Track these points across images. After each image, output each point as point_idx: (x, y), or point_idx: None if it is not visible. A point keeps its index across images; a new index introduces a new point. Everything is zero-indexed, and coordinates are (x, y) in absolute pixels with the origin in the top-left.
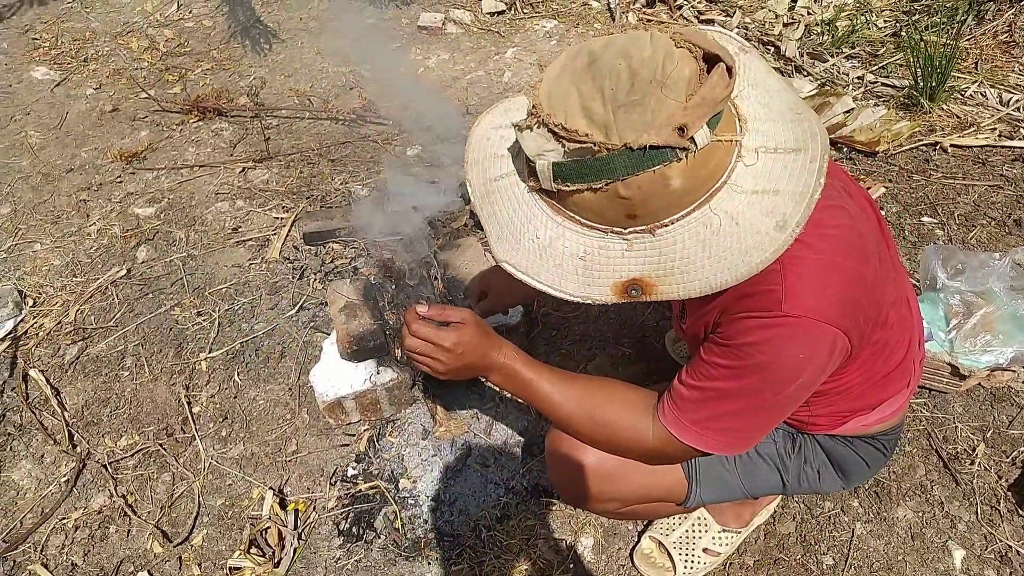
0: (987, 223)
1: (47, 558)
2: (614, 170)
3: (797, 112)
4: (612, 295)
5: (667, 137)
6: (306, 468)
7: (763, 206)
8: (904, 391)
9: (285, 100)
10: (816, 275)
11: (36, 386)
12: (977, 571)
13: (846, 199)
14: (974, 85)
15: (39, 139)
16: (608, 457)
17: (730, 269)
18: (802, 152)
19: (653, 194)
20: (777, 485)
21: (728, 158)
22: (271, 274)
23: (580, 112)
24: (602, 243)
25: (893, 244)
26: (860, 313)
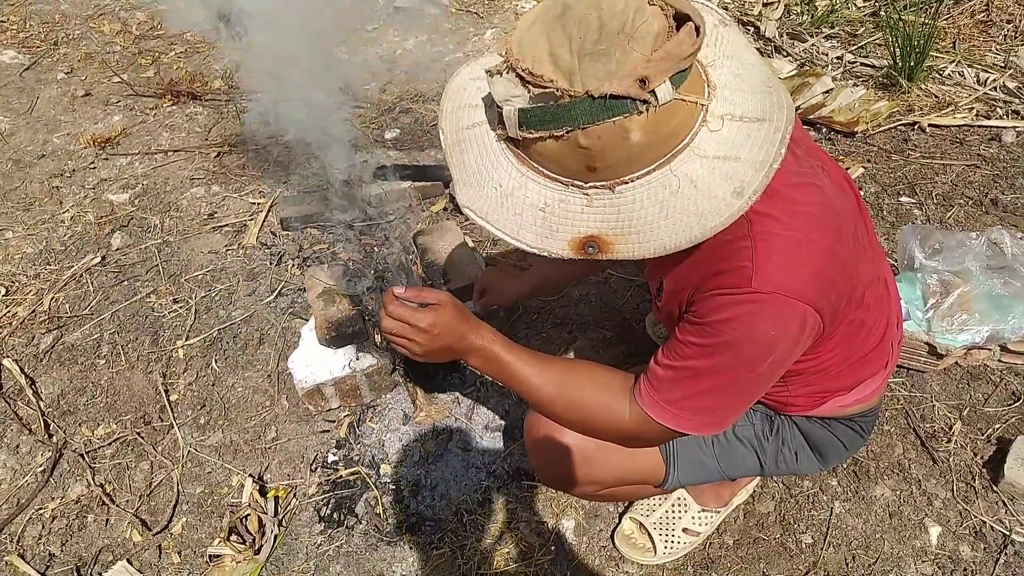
0: (964, 202)
1: (24, 548)
2: (575, 117)
3: (768, 85)
4: (569, 250)
5: (628, 87)
6: (286, 455)
7: (723, 172)
8: (882, 372)
9: (260, 83)
10: (787, 252)
11: (10, 376)
12: (952, 547)
13: (822, 178)
14: (952, 65)
15: (8, 124)
16: (587, 441)
17: (685, 231)
18: (767, 123)
19: (612, 146)
20: (755, 467)
21: (691, 121)
22: (248, 260)
23: (547, 59)
24: (562, 196)
25: (870, 224)
26: (832, 290)
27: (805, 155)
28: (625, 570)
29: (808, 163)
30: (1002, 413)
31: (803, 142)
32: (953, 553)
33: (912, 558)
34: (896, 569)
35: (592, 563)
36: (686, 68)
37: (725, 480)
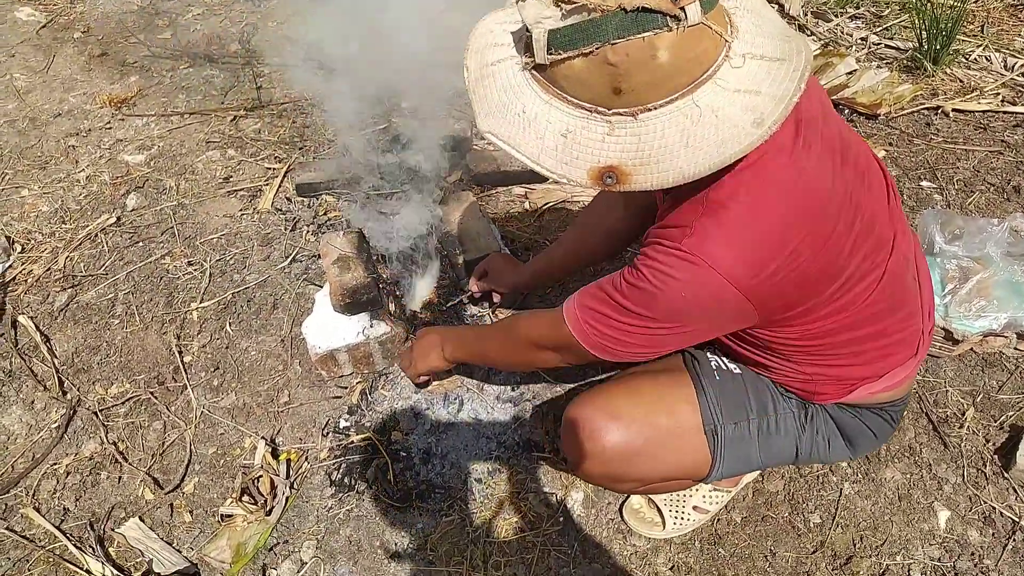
0: (986, 189)
1: (39, 502)
2: (606, 32)
3: (787, 35)
4: (588, 178)
5: (660, 1)
6: (298, 419)
7: (743, 103)
8: (911, 360)
9: (277, 47)
10: (730, 226)
11: (25, 332)
12: (960, 531)
13: (812, 158)
14: (979, 49)
15: (25, 82)
16: (632, 439)
17: (705, 159)
18: (786, 62)
19: (639, 64)
20: (790, 456)
21: (716, 52)
22: (263, 225)
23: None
24: (585, 123)
25: (894, 212)
26: (768, 277)
27: (815, 132)
28: (632, 543)
29: (807, 140)
30: (1016, 401)
31: (823, 119)
32: (961, 537)
33: (920, 541)
34: (903, 551)
35: (600, 535)
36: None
37: (760, 469)
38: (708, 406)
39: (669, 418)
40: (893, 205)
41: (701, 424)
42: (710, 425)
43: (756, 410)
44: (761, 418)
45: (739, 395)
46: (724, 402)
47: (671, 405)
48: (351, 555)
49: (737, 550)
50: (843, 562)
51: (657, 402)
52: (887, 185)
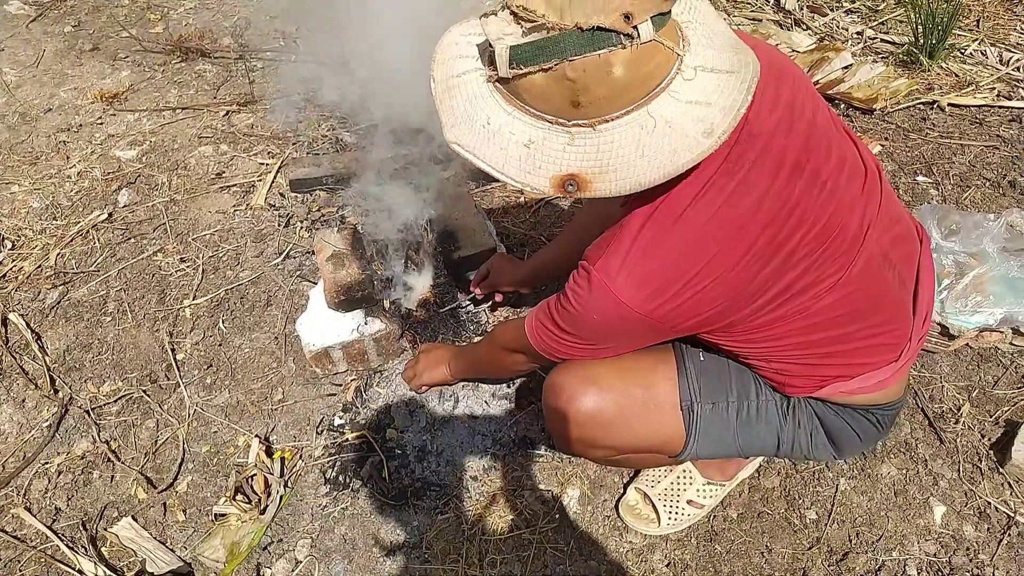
0: (982, 184)
1: (30, 502)
2: (564, 49)
3: (736, 47)
4: (550, 186)
5: (614, 21)
6: (292, 417)
7: (695, 115)
8: (891, 365)
9: (270, 42)
10: (633, 255)
11: (16, 330)
12: (956, 527)
13: (745, 181)
14: (975, 43)
15: (15, 77)
16: (607, 406)
17: (659, 168)
18: (735, 74)
19: (597, 80)
20: (772, 447)
21: (668, 66)
22: (256, 221)
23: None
24: (547, 134)
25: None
26: (670, 303)
27: (755, 148)
28: (629, 540)
29: (736, 159)
30: (1011, 396)
31: (786, 128)
32: (957, 532)
33: (916, 536)
34: (899, 547)
35: (596, 532)
36: (666, 11)
37: (738, 457)
38: (687, 384)
39: (646, 390)
40: (885, 201)
41: (678, 400)
42: (687, 402)
43: (737, 394)
44: (741, 402)
45: (721, 377)
46: (704, 382)
47: (650, 378)
48: (346, 553)
49: (733, 546)
50: (839, 558)
51: (636, 374)
52: (865, 181)
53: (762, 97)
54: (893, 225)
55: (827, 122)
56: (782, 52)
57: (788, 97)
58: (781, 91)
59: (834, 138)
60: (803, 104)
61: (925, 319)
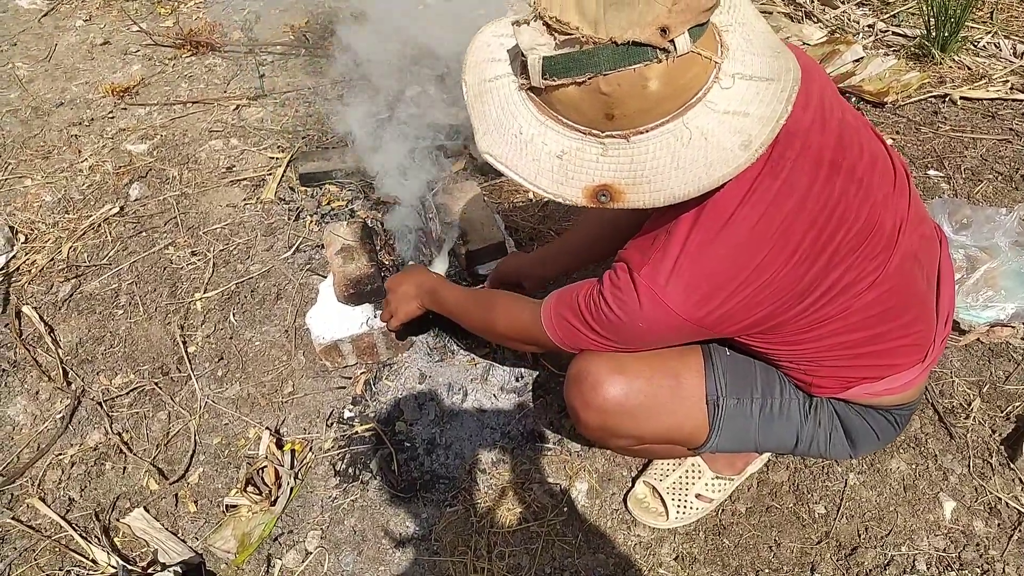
0: (994, 177)
1: (44, 492)
2: (598, 63)
3: (776, 51)
4: (582, 197)
5: (650, 35)
6: (302, 409)
7: (732, 126)
8: (917, 366)
9: (280, 36)
10: (681, 263)
11: (29, 323)
12: (966, 522)
13: (789, 180)
14: (988, 36)
15: (27, 71)
16: (633, 394)
17: (694, 180)
18: (774, 82)
19: (631, 93)
20: (790, 443)
21: (705, 75)
22: (266, 215)
23: (574, 7)
24: (580, 144)
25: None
26: (719, 310)
27: (794, 147)
28: (637, 533)
29: (778, 160)
30: (1022, 391)
31: (820, 125)
32: (967, 528)
33: (925, 531)
34: (908, 542)
35: (604, 525)
36: (704, 22)
37: (753, 452)
38: (714, 377)
39: (673, 381)
40: (913, 201)
41: (704, 393)
42: (712, 396)
43: (762, 390)
44: (765, 399)
45: (747, 373)
46: (731, 377)
47: (677, 370)
48: (355, 545)
49: (742, 540)
50: (848, 553)
51: (663, 364)
52: (895, 180)
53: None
54: (921, 224)
55: (856, 120)
56: (804, 51)
57: (819, 95)
58: (811, 89)
59: (864, 136)
60: (832, 102)
61: (947, 321)
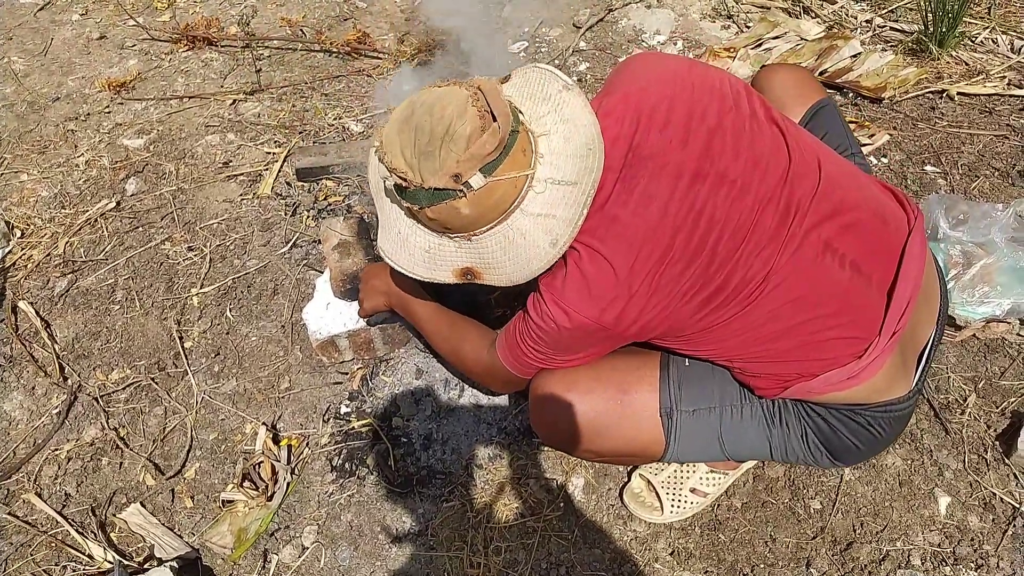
0: (991, 173)
1: (40, 488)
2: (420, 200)
3: (589, 147)
4: (453, 277)
5: (446, 182)
6: (299, 405)
7: (543, 226)
8: (856, 362)
9: (277, 30)
10: (577, 282)
11: (25, 318)
12: (961, 517)
13: (643, 195)
14: (985, 31)
15: (23, 66)
16: (588, 412)
17: (521, 271)
18: (577, 186)
19: (451, 217)
20: (763, 451)
21: (515, 190)
22: (263, 210)
23: (400, 154)
24: (439, 241)
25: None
26: (622, 315)
27: (646, 163)
28: (633, 528)
29: (629, 179)
30: (1018, 387)
31: (684, 137)
32: (961, 523)
33: (920, 527)
34: (904, 537)
35: (600, 520)
36: (494, 159)
37: (728, 461)
38: (668, 390)
39: (623, 395)
40: (827, 189)
41: (658, 406)
42: (666, 408)
43: (719, 400)
44: (723, 409)
45: (703, 384)
46: (686, 389)
47: (629, 384)
48: (352, 540)
49: (737, 535)
50: (843, 548)
51: (616, 379)
52: (791, 173)
53: (650, 121)
54: (841, 213)
55: (740, 121)
56: (690, 61)
57: (684, 111)
58: (675, 107)
59: (745, 136)
60: (703, 112)
61: (904, 311)
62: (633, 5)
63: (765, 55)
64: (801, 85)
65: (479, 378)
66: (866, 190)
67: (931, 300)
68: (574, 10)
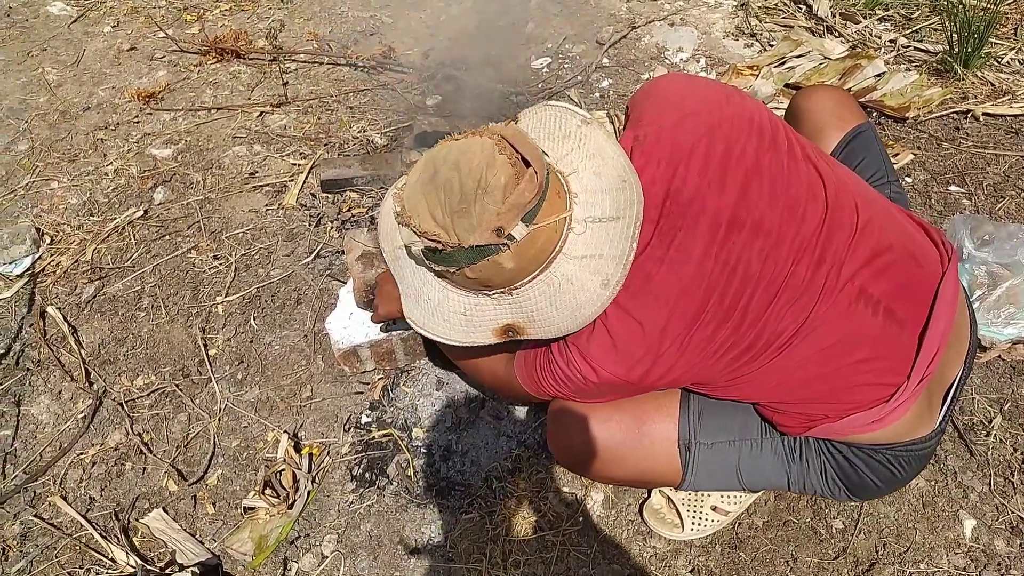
0: (1016, 194)
1: (66, 491)
2: (458, 261)
3: (623, 179)
4: (494, 337)
5: (488, 237)
6: (320, 414)
7: (591, 268)
8: (880, 407)
9: (304, 44)
10: (605, 341)
11: (53, 323)
12: (987, 541)
13: (680, 249)
14: (1011, 52)
15: (56, 76)
16: (601, 441)
17: (571, 319)
18: (620, 220)
19: (494, 274)
20: (781, 483)
21: (556, 235)
22: (288, 220)
23: (429, 217)
24: (476, 301)
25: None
26: (648, 375)
27: (682, 215)
28: (653, 545)
29: (666, 232)
30: None
31: (718, 185)
32: (987, 547)
33: (944, 549)
34: (927, 559)
35: (619, 536)
36: (535, 206)
37: (744, 491)
38: (687, 421)
39: (641, 425)
40: (858, 236)
41: (676, 437)
42: (684, 439)
43: (740, 433)
44: (743, 442)
45: (724, 416)
46: (706, 420)
47: (648, 413)
48: (371, 550)
49: (758, 554)
50: (865, 568)
51: (635, 409)
52: (828, 219)
53: (689, 160)
54: (876, 257)
55: (778, 161)
56: (724, 88)
57: (722, 150)
58: (714, 146)
59: (782, 178)
60: (742, 152)
61: (934, 357)
62: (656, 23)
63: (788, 74)
64: (840, 108)
65: (494, 390)
66: (900, 228)
67: (961, 341)
68: (597, 27)
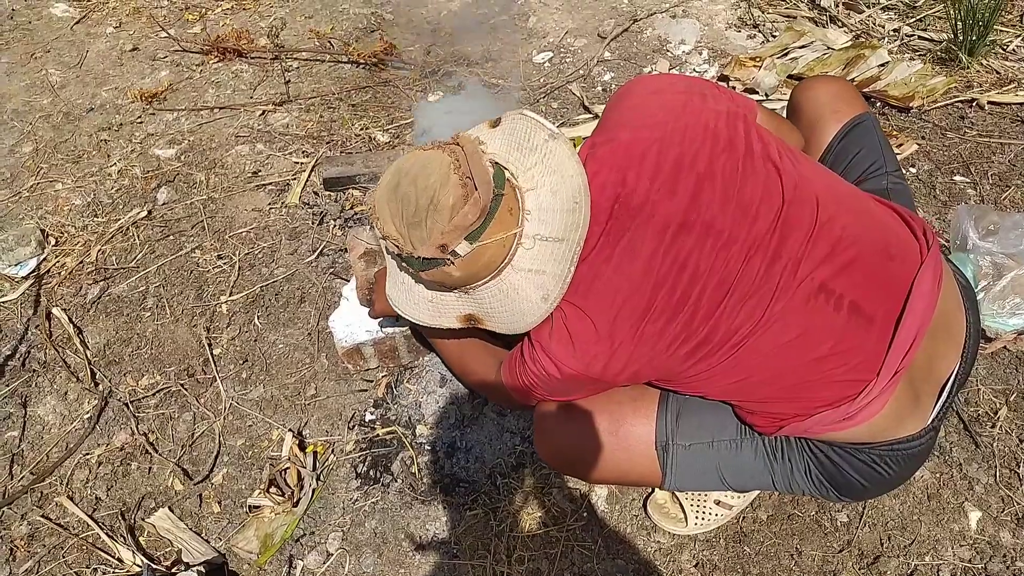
0: (1022, 183)
1: (72, 491)
2: (414, 265)
3: (576, 200)
4: (457, 323)
5: (433, 252)
6: (325, 412)
7: (535, 282)
8: (847, 405)
9: (305, 42)
10: (563, 336)
11: (59, 324)
12: (992, 532)
13: (627, 250)
14: (1017, 40)
15: (59, 77)
16: (576, 442)
17: (516, 323)
18: (564, 242)
19: (445, 280)
20: (767, 484)
21: (504, 249)
22: (291, 219)
23: (390, 222)
24: (440, 294)
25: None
26: (605, 368)
27: (631, 218)
28: (657, 539)
29: (613, 233)
30: None
31: (668, 188)
32: (993, 539)
33: (950, 541)
34: (933, 552)
35: (624, 530)
36: (478, 227)
37: (729, 491)
38: (664, 423)
39: (620, 427)
40: (816, 233)
41: (653, 439)
42: (662, 441)
43: (717, 434)
44: (721, 443)
45: (703, 416)
46: (683, 421)
47: (626, 416)
48: (376, 547)
49: (763, 548)
50: (870, 561)
51: (611, 411)
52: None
53: (640, 167)
54: (839, 253)
55: (732, 163)
56: (686, 93)
57: (674, 157)
58: (666, 153)
59: (736, 180)
60: (694, 157)
61: (908, 350)
62: (658, 15)
63: (791, 64)
64: (837, 100)
65: (484, 394)
66: (873, 222)
67: (953, 333)
68: (599, 20)
